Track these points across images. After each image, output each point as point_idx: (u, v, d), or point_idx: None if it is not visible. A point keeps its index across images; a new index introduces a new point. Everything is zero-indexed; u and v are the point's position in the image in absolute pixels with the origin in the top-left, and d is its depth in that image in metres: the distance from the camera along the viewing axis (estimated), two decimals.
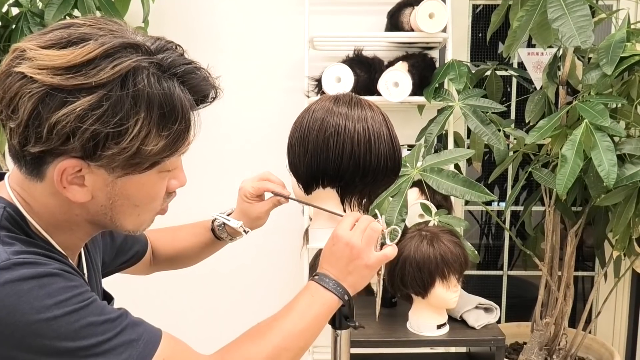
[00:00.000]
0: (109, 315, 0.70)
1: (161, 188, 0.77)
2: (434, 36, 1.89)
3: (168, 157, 0.72)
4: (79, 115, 0.64)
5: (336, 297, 0.86)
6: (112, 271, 1.05)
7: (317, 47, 2.03)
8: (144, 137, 0.67)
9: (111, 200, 0.73)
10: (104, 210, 0.74)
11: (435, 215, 1.56)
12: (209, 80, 0.75)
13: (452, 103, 1.80)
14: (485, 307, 1.52)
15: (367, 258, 0.86)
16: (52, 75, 0.64)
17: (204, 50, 2.17)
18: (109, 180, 0.71)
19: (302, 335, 0.83)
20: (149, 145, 0.68)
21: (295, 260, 2.12)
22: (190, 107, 0.72)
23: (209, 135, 2.25)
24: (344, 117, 0.88)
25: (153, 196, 0.76)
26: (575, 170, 1.49)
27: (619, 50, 1.51)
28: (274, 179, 1.04)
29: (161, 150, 0.70)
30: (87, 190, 0.71)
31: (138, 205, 0.75)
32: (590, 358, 2.03)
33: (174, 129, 0.69)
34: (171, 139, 0.70)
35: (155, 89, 0.67)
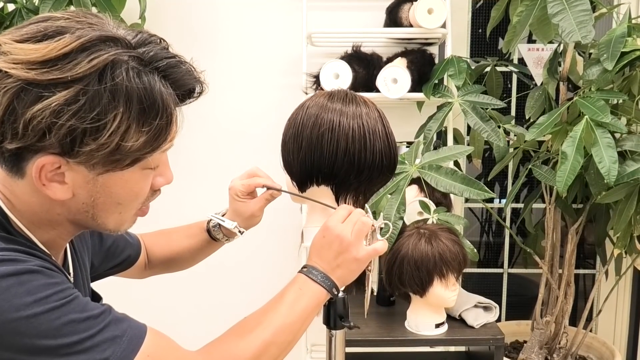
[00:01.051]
0: (92, 311, 0.68)
1: (145, 185, 0.75)
2: (433, 32, 1.87)
3: (149, 153, 0.70)
4: (54, 110, 0.62)
5: (325, 290, 0.85)
6: (104, 274, 1.04)
7: (315, 43, 2.01)
8: (123, 132, 0.65)
9: (93, 197, 0.71)
10: (85, 208, 0.72)
11: (434, 213, 1.55)
12: (192, 74, 0.73)
13: (452, 99, 1.78)
14: (485, 305, 1.50)
15: (357, 252, 0.84)
16: (27, 69, 0.63)
17: (201, 46, 2.16)
18: (90, 177, 0.69)
19: (290, 328, 0.82)
20: (129, 142, 0.66)
21: (293, 258, 2.11)
22: (173, 102, 0.70)
23: (205, 132, 2.26)
24: (339, 113, 0.86)
25: (136, 193, 0.74)
26: (576, 167, 1.47)
27: (620, 46, 1.49)
28: (261, 174, 1.02)
29: (142, 146, 0.68)
30: (68, 187, 0.69)
31: (121, 203, 0.73)
32: (591, 357, 2.02)
33: (155, 125, 0.68)
34: (152, 135, 0.68)
35: (135, 84, 0.65)
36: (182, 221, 2.29)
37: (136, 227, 1.22)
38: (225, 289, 2.26)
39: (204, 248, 1.10)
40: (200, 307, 2.30)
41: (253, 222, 1.06)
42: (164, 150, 0.74)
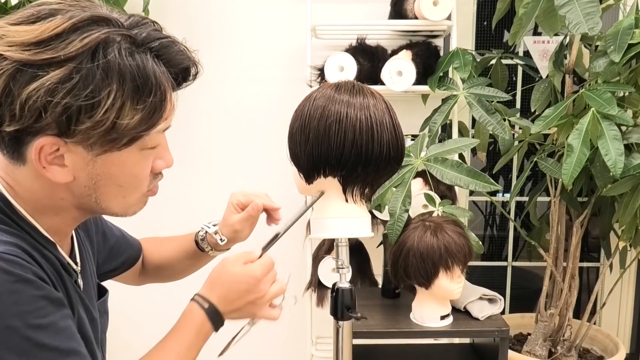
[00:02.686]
0: (60, 344, 0.68)
1: (144, 167, 0.75)
2: (439, 24, 1.86)
3: (145, 131, 0.70)
4: (49, 89, 0.63)
5: (212, 331, 0.85)
6: (104, 276, 1.04)
7: (319, 35, 2.00)
8: (118, 110, 0.66)
9: (94, 180, 0.72)
10: (87, 191, 0.73)
11: (439, 205, 1.55)
12: (185, 54, 0.74)
13: (457, 92, 1.77)
14: (489, 298, 1.51)
15: (260, 309, 0.86)
16: (22, 51, 0.64)
17: (205, 40, 2.15)
18: (89, 158, 0.70)
19: None
20: (125, 119, 0.67)
21: (298, 250, 2.11)
22: (166, 80, 0.71)
23: (210, 125, 2.26)
24: (346, 104, 0.86)
25: (136, 175, 0.75)
26: (582, 159, 1.47)
27: (627, 37, 1.49)
28: (267, 199, 1.03)
29: (137, 124, 0.69)
30: (68, 170, 0.70)
31: (122, 185, 0.74)
32: (595, 349, 2.02)
33: (149, 102, 0.68)
34: (147, 113, 0.69)
35: (127, 62, 0.66)
36: (186, 214, 2.31)
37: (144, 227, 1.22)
38: None
39: (191, 259, 1.09)
40: None
41: (237, 236, 1.04)
42: (160, 130, 0.74)
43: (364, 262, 1.97)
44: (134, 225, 1.09)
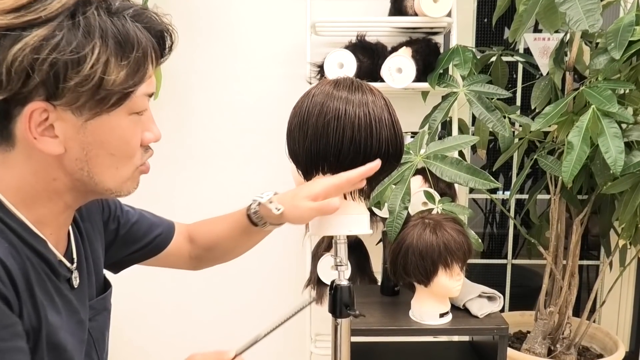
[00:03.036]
0: None
1: (134, 133, 0.76)
2: (439, 21, 1.86)
3: (132, 88, 0.71)
4: (34, 47, 0.65)
5: None
6: (128, 260, 1.02)
7: (319, 32, 2.00)
8: (104, 66, 0.68)
9: (85, 150, 0.72)
10: (80, 164, 0.73)
11: (438, 203, 1.54)
12: (158, 20, 0.76)
13: (457, 89, 1.77)
14: (489, 295, 1.50)
15: None
16: (2, 16, 0.65)
17: (205, 36, 2.15)
18: (79, 125, 0.70)
19: None
20: (111, 75, 0.68)
21: (297, 247, 2.11)
22: (146, 39, 0.72)
23: (209, 122, 2.25)
24: (345, 101, 0.86)
25: (127, 141, 0.75)
26: (582, 157, 1.46)
27: (628, 34, 1.48)
28: None
29: (124, 80, 0.70)
30: (59, 141, 0.70)
31: (114, 153, 0.74)
32: (594, 347, 2.02)
33: (133, 57, 0.70)
34: (132, 68, 0.70)
35: (107, 20, 0.69)
36: (187, 210, 2.30)
37: None
38: (229, 276, 2.26)
39: (244, 234, 1.04)
40: (207, 293, 2.30)
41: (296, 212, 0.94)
42: (145, 93, 0.75)
43: (363, 259, 1.97)
44: None
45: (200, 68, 2.16)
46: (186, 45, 2.15)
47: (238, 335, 2.55)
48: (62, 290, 0.78)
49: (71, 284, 0.82)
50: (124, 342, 2.31)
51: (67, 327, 0.78)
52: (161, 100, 2.06)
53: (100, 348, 0.89)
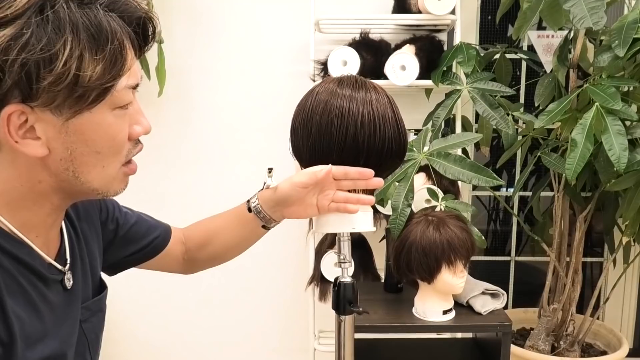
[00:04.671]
0: None
1: (120, 129, 0.73)
2: (442, 18, 1.86)
3: (110, 82, 0.68)
4: (2, 48, 0.62)
5: None
6: (126, 262, 1.01)
7: (323, 30, 2.00)
8: (78, 61, 0.64)
9: (69, 150, 0.70)
10: (65, 165, 0.71)
11: (442, 200, 1.55)
12: (135, 5, 0.72)
13: (460, 87, 1.77)
14: (492, 292, 1.50)
15: None
16: None
17: (208, 33, 2.15)
18: (60, 124, 0.68)
19: None
20: (87, 71, 0.65)
21: (301, 244, 2.12)
22: (121, 28, 0.69)
23: (213, 120, 2.26)
24: (348, 99, 0.86)
25: (113, 137, 0.72)
26: (585, 154, 1.46)
27: (632, 32, 1.48)
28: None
29: (101, 75, 0.66)
30: (42, 143, 0.68)
31: (99, 151, 0.71)
32: (598, 344, 2.02)
33: (108, 50, 0.66)
34: (108, 62, 0.67)
35: (77, 13, 0.65)
36: (191, 207, 2.31)
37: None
38: (233, 273, 2.27)
39: (242, 225, 1.02)
40: (210, 290, 2.31)
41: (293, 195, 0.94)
42: (129, 86, 0.72)
43: (366, 256, 1.97)
44: None
45: (204, 65, 2.16)
46: (190, 42, 2.16)
47: (241, 332, 2.58)
48: (48, 297, 0.76)
49: (64, 286, 0.80)
50: (129, 338, 2.33)
51: (54, 334, 0.76)
52: (165, 97, 2.07)
53: (93, 349, 0.88)
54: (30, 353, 0.71)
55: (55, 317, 0.77)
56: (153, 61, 2.00)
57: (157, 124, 2.45)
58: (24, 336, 0.71)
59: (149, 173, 2.21)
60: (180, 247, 1.08)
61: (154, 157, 2.21)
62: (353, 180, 0.89)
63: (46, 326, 0.75)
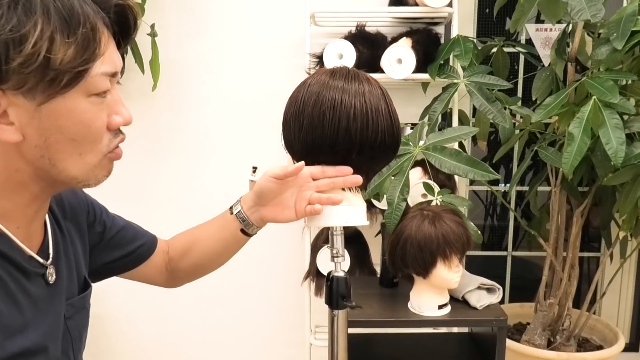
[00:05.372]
0: None
1: (96, 117, 0.72)
2: (439, 11, 1.84)
3: (83, 67, 0.67)
4: None
5: None
6: (112, 268, 1.00)
7: (318, 23, 1.98)
8: (48, 43, 0.64)
9: (44, 137, 0.69)
10: (40, 152, 0.70)
11: (438, 194, 1.54)
12: None
13: (457, 80, 1.75)
14: (488, 287, 1.50)
15: None
16: None
17: (203, 27, 2.13)
18: (33, 109, 0.67)
19: None
20: (58, 54, 0.65)
21: (297, 239, 2.11)
22: (94, 13, 0.68)
23: (208, 113, 2.24)
24: (341, 91, 0.84)
25: (88, 125, 0.71)
26: (583, 148, 1.45)
27: (630, 24, 1.47)
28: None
29: (72, 58, 0.66)
30: (16, 128, 0.68)
31: (75, 139, 0.70)
32: (594, 339, 2.02)
33: (80, 33, 0.66)
34: (80, 46, 0.66)
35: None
36: (183, 201, 2.29)
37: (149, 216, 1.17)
38: (228, 267, 2.26)
39: (223, 228, 1.02)
40: (206, 284, 2.31)
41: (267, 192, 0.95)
42: (105, 73, 0.71)
43: (362, 251, 1.97)
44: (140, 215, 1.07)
45: (198, 59, 2.15)
46: (184, 36, 2.14)
47: (238, 327, 2.58)
48: (28, 289, 0.76)
49: (46, 280, 0.80)
50: (123, 332, 2.32)
51: (35, 326, 0.76)
52: (159, 91, 2.05)
53: (76, 347, 0.87)
54: (9, 344, 0.71)
55: (36, 310, 0.77)
56: (147, 55, 1.98)
57: (151, 118, 2.46)
58: (2, 326, 0.70)
59: (143, 166, 2.20)
60: (164, 257, 1.07)
61: (148, 151, 2.20)
62: (331, 178, 0.90)
63: (26, 318, 0.74)
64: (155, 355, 2.35)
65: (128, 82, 2.08)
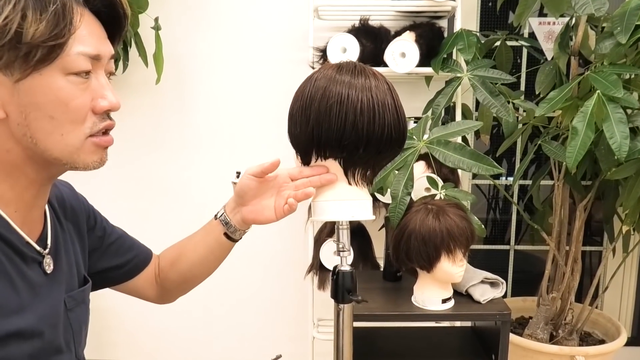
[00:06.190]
0: None
1: (74, 95, 0.74)
2: (443, 5, 1.84)
3: (54, 41, 0.70)
4: None
5: None
6: (105, 276, 1.01)
7: (322, 16, 1.98)
8: (21, 18, 0.68)
9: (24, 114, 0.72)
10: (22, 130, 0.72)
11: (441, 188, 1.54)
12: None
13: (461, 74, 1.75)
14: (491, 281, 1.50)
15: None
16: None
17: (207, 20, 2.13)
18: (11, 85, 0.70)
19: None
20: (30, 29, 0.68)
21: (300, 233, 2.11)
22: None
23: (212, 107, 2.24)
24: (347, 85, 0.84)
25: (65, 103, 0.73)
26: (586, 142, 1.45)
27: (634, 18, 1.46)
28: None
29: (43, 33, 0.69)
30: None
31: (53, 116, 0.73)
32: (597, 333, 2.02)
33: (50, 10, 0.69)
34: (51, 22, 0.70)
35: None
36: (188, 194, 2.29)
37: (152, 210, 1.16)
38: (232, 260, 2.27)
39: (207, 233, 1.04)
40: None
41: (247, 192, 0.98)
42: (84, 54, 0.73)
43: (366, 245, 1.97)
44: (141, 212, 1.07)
45: (202, 53, 2.15)
46: (188, 30, 2.14)
47: (240, 321, 2.58)
48: (25, 273, 0.77)
49: (43, 269, 0.81)
50: (125, 326, 2.33)
51: (32, 310, 0.77)
52: (163, 85, 2.05)
53: (77, 340, 0.88)
54: (5, 323, 0.72)
55: (34, 294, 0.78)
56: (150, 48, 1.98)
57: (155, 111, 2.46)
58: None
59: (148, 160, 2.20)
60: (155, 270, 1.09)
61: (153, 144, 2.20)
62: (308, 177, 0.92)
63: (23, 300, 0.76)
64: (157, 349, 2.36)
65: (132, 76, 2.08)
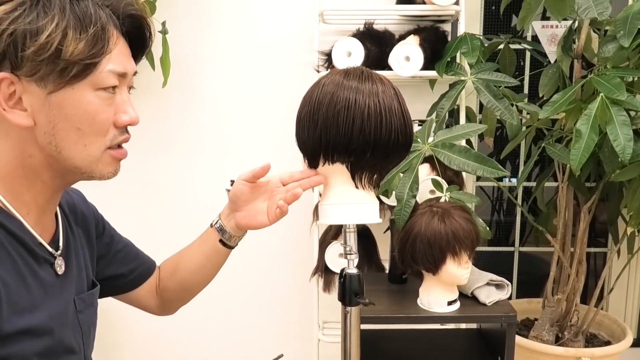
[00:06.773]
0: None
1: (101, 110, 0.78)
2: (446, 9, 1.85)
3: (90, 60, 0.74)
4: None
5: None
6: (111, 283, 1.03)
7: (327, 20, 1.99)
8: (62, 36, 0.72)
9: (52, 124, 0.75)
10: (48, 138, 0.76)
11: (446, 191, 1.55)
12: (132, 4, 0.80)
13: (465, 77, 1.76)
14: (497, 283, 1.51)
15: None
16: None
17: (212, 24, 2.14)
18: (43, 96, 0.74)
19: None
20: (69, 47, 0.72)
21: (305, 235, 2.12)
22: (107, 16, 0.76)
23: (217, 110, 2.26)
24: (355, 91, 0.86)
25: (93, 116, 0.77)
26: (590, 145, 1.46)
27: (637, 22, 1.47)
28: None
29: (82, 51, 0.73)
30: (28, 114, 0.75)
31: (79, 128, 0.77)
32: (602, 334, 2.03)
33: (90, 32, 0.74)
34: (90, 41, 0.74)
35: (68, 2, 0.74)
36: (193, 197, 2.30)
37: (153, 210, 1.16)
38: (237, 264, 2.28)
39: (203, 241, 1.06)
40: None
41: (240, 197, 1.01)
42: (114, 71, 0.77)
43: (370, 247, 1.98)
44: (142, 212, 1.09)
45: (208, 56, 2.16)
46: (194, 33, 2.16)
47: (246, 323, 2.59)
48: (37, 272, 0.80)
49: (54, 270, 0.83)
50: (132, 329, 2.34)
51: (43, 308, 0.79)
52: (169, 88, 2.07)
53: (85, 341, 0.90)
54: (17, 319, 0.74)
55: (45, 294, 0.80)
56: (157, 52, 2.00)
57: (161, 114, 2.47)
58: (10, 301, 0.74)
59: (154, 162, 2.22)
60: (156, 281, 1.12)
61: (159, 147, 2.21)
62: (299, 181, 0.96)
63: (34, 299, 0.78)
64: (162, 351, 2.37)
65: (139, 79, 2.08)
